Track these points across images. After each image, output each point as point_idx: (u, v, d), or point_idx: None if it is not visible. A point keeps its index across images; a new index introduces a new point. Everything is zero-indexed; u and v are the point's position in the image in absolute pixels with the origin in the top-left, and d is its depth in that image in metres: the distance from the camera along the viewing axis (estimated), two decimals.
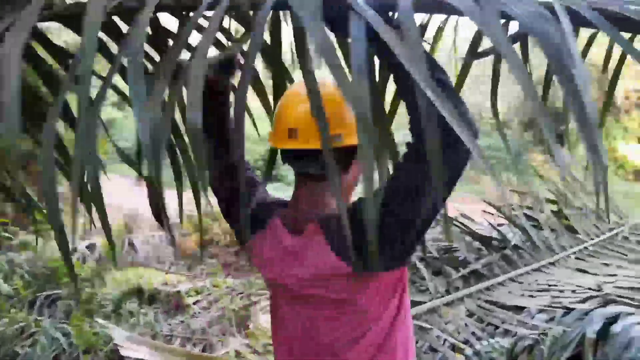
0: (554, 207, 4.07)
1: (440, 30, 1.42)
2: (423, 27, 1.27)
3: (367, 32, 0.75)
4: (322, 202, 1.09)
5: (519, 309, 3.06)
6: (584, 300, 2.92)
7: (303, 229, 1.07)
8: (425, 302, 2.93)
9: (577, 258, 3.69)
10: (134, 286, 3.84)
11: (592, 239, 3.87)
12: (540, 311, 2.96)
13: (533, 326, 2.79)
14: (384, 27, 0.75)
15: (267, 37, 1.23)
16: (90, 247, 5.23)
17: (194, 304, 3.78)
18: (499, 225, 3.79)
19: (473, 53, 1.24)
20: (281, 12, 1.20)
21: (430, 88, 0.68)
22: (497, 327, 2.96)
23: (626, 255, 3.66)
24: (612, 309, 2.68)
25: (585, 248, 3.78)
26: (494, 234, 3.76)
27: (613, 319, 2.58)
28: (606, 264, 3.56)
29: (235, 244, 5.77)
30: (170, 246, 5.20)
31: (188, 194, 1.12)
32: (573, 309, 2.83)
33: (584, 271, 3.46)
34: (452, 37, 1.45)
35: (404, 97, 0.93)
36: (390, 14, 0.88)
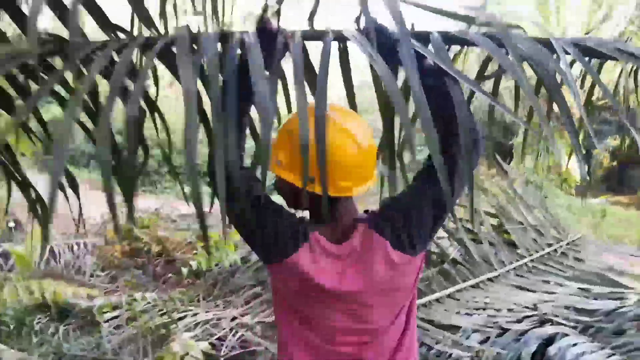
0: (494, 221, 3.97)
1: (455, 57, 1.63)
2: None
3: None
4: (355, 210, 1.25)
5: (454, 328, 2.90)
6: (520, 320, 2.79)
7: (347, 236, 1.20)
8: None
9: (516, 274, 3.58)
10: (39, 300, 3.45)
11: (532, 255, 3.78)
12: (476, 331, 2.82)
13: (468, 347, 2.64)
14: (432, 54, 1.06)
15: None
16: (3, 255, 4.72)
17: (107, 321, 3.41)
18: (438, 238, 3.64)
19: (480, 76, 1.50)
20: None
21: (482, 90, 1.06)
22: (430, 348, 2.79)
23: (565, 272, 3.58)
24: (548, 330, 2.56)
25: (525, 264, 3.69)
26: (433, 248, 3.60)
27: (549, 340, 2.46)
28: (546, 281, 3.46)
29: (169, 253, 5.43)
30: (91, 255, 4.79)
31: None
32: (509, 329, 2.70)
33: (523, 288, 3.35)
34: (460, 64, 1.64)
35: (442, 110, 1.07)
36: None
